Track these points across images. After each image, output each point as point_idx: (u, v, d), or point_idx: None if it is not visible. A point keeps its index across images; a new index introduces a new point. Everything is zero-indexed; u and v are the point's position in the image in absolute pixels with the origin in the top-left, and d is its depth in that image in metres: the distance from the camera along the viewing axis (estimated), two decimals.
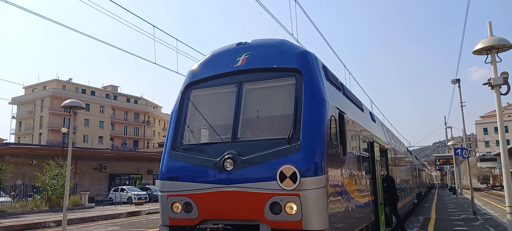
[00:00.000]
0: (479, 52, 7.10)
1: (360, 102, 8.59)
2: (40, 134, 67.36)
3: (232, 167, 5.04)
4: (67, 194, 12.57)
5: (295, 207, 4.69)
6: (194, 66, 6.32)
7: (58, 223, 15.02)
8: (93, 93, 77.07)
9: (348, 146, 6.05)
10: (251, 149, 5.09)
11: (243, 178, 4.94)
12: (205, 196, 5.13)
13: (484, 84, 7.18)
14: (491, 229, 11.58)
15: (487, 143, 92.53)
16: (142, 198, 30.70)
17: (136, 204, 28.41)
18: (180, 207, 5.33)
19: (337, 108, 5.70)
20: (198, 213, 5.20)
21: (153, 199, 32.19)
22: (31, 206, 21.88)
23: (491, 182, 60.37)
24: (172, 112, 6.06)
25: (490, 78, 7.01)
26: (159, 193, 5.61)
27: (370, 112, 10.08)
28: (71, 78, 77.24)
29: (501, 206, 21.67)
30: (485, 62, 7.13)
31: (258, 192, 4.83)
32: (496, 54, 7.04)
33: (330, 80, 6.01)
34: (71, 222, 15.49)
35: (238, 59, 5.82)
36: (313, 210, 4.67)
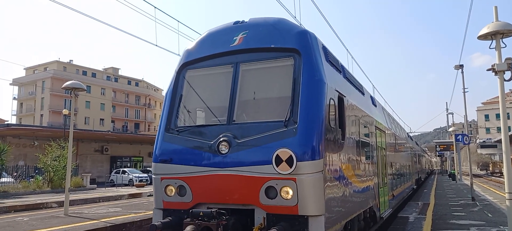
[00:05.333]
0: (484, 37, 6.93)
1: (361, 85, 8.43)
2: (41, 115, 67.58)
3: (227, 150, 4.94)
4: (69, 175, 12.62)
5: (291, 192, 4.61)
6: (190, 45, 6.15)
7: (60, 204, 15.12)
8: (94, 75, 76.84)
9: (347, 129, 5.91)
10: (247, 131, 4.98)
11: (238, 161, 4.85)
12: (199, 179, 5.06)
13: (488, 70, 7.03)
14: (489, 215, 11.59)
15: (488, 130, 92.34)
16: (143, 180, 30.93)
17: (137, 186, 28.65)
18: (174, 190, 5.26)
19: (337, 91, 5.56)
20: (192, 197, 5.14)
21: None
22: (33, 187, 22.03)
23: (490, 168, 60.58)
24: (166, 93, 5.92)
25: (494, 64, 6.85)
26: (153, 176, 5.53)
27: (371, 97, 9.94)
28: (72, 60, 76.99)
29: (500, 192, 21.73)
30: (490, 48, 6.96)
31: (253, 175, 4.74)
32: (501, 40, 6.87)
33: (330, 62, 5.84)
34: (73, 202, 15.57)
35: (235, 38, 5.63)
36: (309, 195, 4.59)
